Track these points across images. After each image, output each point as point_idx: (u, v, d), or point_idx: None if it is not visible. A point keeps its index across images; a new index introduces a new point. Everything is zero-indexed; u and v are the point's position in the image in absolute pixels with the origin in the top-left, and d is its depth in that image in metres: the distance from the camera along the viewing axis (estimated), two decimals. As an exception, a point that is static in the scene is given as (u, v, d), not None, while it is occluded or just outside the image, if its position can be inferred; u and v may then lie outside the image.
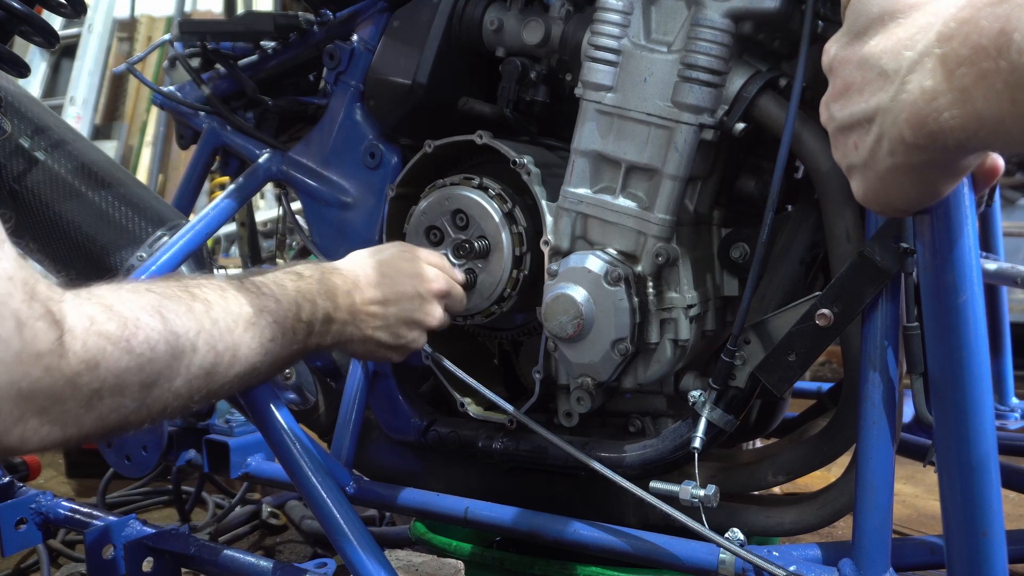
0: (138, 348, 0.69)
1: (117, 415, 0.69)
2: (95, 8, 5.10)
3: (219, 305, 0.81)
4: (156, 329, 0.71)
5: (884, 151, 0.57)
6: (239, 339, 0.82)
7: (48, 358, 0.61)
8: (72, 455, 2.51)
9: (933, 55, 0.51)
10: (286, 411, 1.14)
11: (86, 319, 0.65)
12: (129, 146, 5.23)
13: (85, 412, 0.66)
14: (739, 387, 0.99)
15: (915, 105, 0.52)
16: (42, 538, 1.50)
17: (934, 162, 0.56)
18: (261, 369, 0.86)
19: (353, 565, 1.06)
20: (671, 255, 1.04)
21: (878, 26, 0.57)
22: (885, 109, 0.55)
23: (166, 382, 0.73)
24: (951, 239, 0.68)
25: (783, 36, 1.05)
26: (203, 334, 0.77)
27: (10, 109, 1.23)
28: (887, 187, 0.60)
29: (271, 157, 1.39)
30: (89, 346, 0.64)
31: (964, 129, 0.51)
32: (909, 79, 0.53)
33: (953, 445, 0.73)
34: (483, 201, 1.14)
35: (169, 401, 0.75)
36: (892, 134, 0.55)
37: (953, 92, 0.50)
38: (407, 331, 1.02)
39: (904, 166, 0.57)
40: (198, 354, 0.76)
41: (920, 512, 2.17)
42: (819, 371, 3.56)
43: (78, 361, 0.63)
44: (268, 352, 0.86)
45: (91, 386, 0.65)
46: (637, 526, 1.07)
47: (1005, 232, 1.95)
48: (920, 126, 0.53)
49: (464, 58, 1.22)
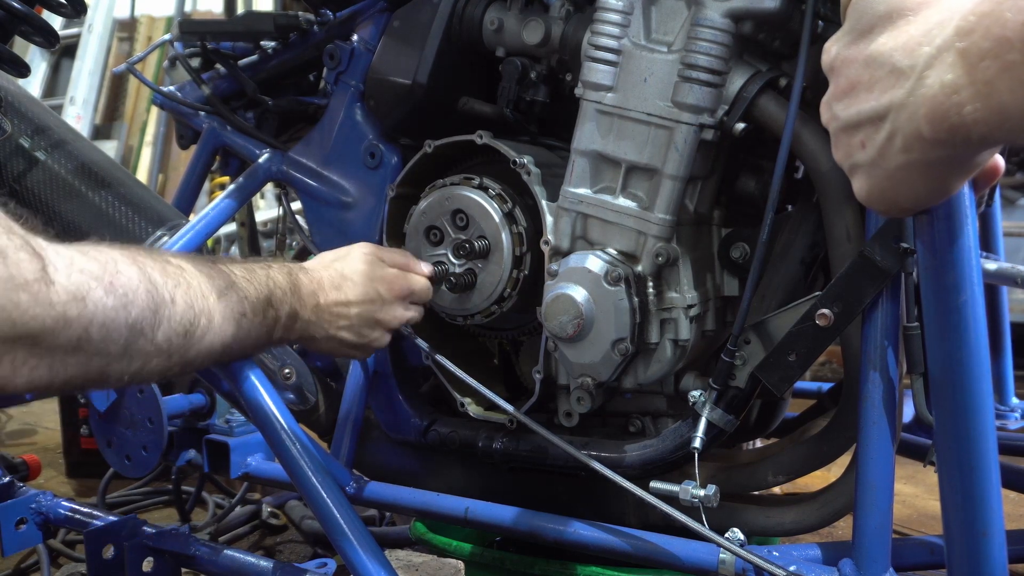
0: (120, 288, 0.69)
1: (100, 362, 0.69)
2: (95, 8, 5.10)
3: (190, 271, 0.82)
4: (135, 275, 0.72)
5: (896, 148, 0.57)
6: (213, 306, 0.83)
7: (35, 286, 0.61)
8: (72, 455, 2.51)
9: (953, 49, 0.51)
10: (286, 411, 1.14)
11: (65, 258, 0.65)
12: (129, 146, 5.23)
13: (72, 353, 0.66)
14: (739, 387, 0.99)
15: (935, 100, 0.53)
16: (42, 538, 1.50)
17: (950, 158, 0.57)
18: (232, 345, 0.88)
19: (353, 565, 1.06)
20: (671, 255, 1.04)
21: (885, 24, 0.57)
22: (900, 105, 0.55)
23: (149, 331, 0.73)
24: (951, 239, 0.68)
25: (783, 36, 1.05)
26: (180, 289, 0.78)
27: (10, 109, 1.23)
28: (895, 185, 0.60)
29: (271, 157, 1.39)
30: (74, 279, 0.65)
31: (987, 122, 0.51)
32: (927, 74, 0.53)
33: (953, 445, 0.73)
34: (483, 201, 1.14)
35: (150, 355, 0.75)
36: (908, 130, 0.55)
37: (976, 85, 0.50)
38: (369, 331, 1.06)
39: (918, 163, 0.57)
40: (177, 308, 0.77)
41: (920, 512, 2.17)
42: (819, 371, 3.56)
43: (65, 292, 0.63)
44: (240, 327, 0.87)
45: (80, 321, 0.65)
46: (637, 526, 1.07)
47: (1005, 232, 1.96)
48: (940, 120, 0.53)
49: (464, 58, 1.22)
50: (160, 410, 1.39)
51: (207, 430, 1.47)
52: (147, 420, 1.40)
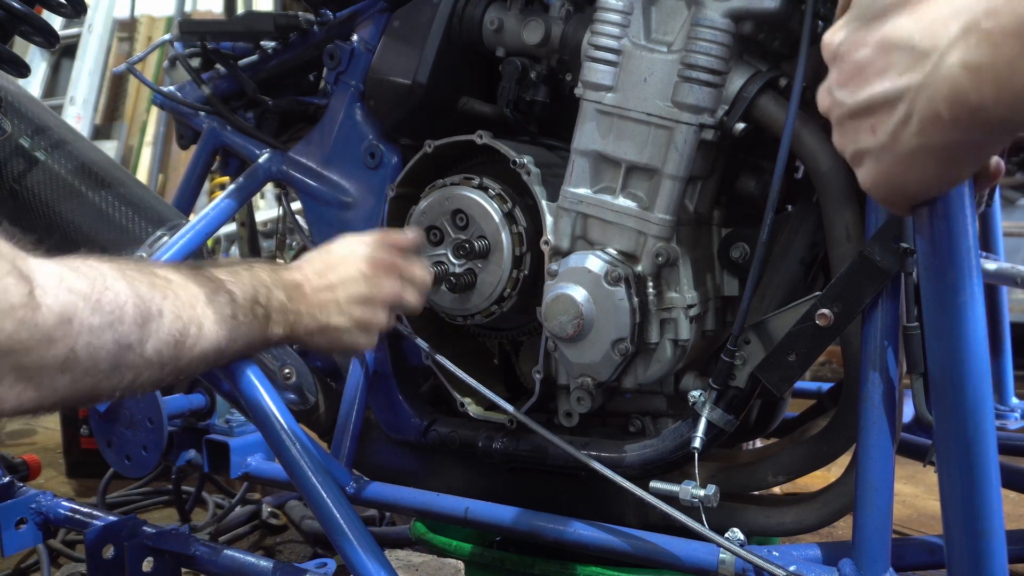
0: (107, 306, 0.69)
1: (90, 380, 0.69)
2: (95, 8, 5.10)
3: (177, 282, 0.82)
4: (123, 291, 0.72)
5: (911, 131, 0.56)
6: (202, 313, 0.83)
7: (22, 311, 0.61)
8: (72, 455, 2.51)
9: (978, 30, 0.51)
10: (286, 411, 1.14)
11: (55, 276, 0.65)
12: (129, 146, 5.23)
13: (60, 373, 0.66)
14: (739, 387, 0.99)
15: (956, 81, 0.52)
16: (42, 538, 1.50)
17: (965, 143, 0.56)
18: (226, 349, 0.87)
19: (353, 565, 1.06)
20: (671, 255, 1.04)
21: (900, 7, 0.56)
22: (918, 87, 0.54)
23: (138, 345, 0.73)
24: (951, 239, 0.68)
25: (783, 36, 1.05)
26: (167, 302, 0.78)
27: (10, 109, 1.23)
28: (905, 171, 0.59)
29: (271, 157, 1.39)
30: (61, 300, 0.64)
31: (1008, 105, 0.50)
32: (949, 54, 0.52)
33: (953, 445, 0.73)
34: (483, 201, 1.14)
35: (141, 369, 0.75)
36: (925, 112, 0.54)
37: (1001, 66, 0.50)
38: (362, 311, 1.01)
39: (932, 146, 0.56)
40: (165, 320, 0.77)
41: (920, 512, 2.17)
42: (819, 371, 3.56)
43: (52, 315, 0.63)
44: (231, 329, 0.87)
45: (66, 342, 0.65)
46: (637, 526, 1.07)
47: (1005, 232, 1.95)
48: (961, 103, 0.52)
49: (464, 58, 1.22)
50: (160, 410, 1.39)
51: (207, 430, 1.47)
52: (147, 420, 1.40)
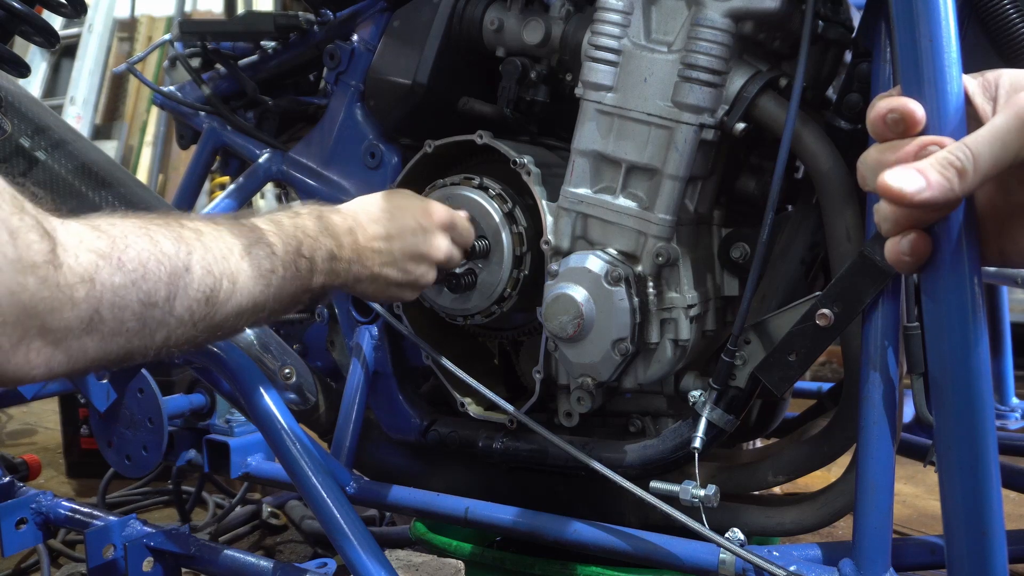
0: (129, 264, 0.68)
1: (120, 340, 0.68)
2: (95, 8, 5.10)
3: (210, 234, 0.79)
4: (145, 248, 0.70)
5: None
6: (236, 267, 0.79)
7: (43, 269, 0.60)
8: (72, 455, 2.51)
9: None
10: (286, 411, 1.14)
11: (75, 236, 0.64)
12: (129, 146, 5.22)
13: (87, 334, 0.64)
14: (739, 387, 0.99)
15: None
16: (42, 538, 1.50)
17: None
18: (265, 304, 0.84)
19: (353, 565, 1.06)
20: (671, 255, 1.04)
21: None
22: None
23: (165, 303, 0.71)
24: (951, 239, 0.68)
25: (783, 36, 1.05)
26: (195, 255, 0.75)
27: (10, 109, 1.23)
28: None
29: (271, 157, 1.39)
30: (82, 260, 0.63)
31: None
32: None
33: (953, 445, 0.73)
34: (483, 201, 1.14)
35: (172, 327, 0.73)
36: None
37: None
38: (414, 266, 1.01)
39: None
40: (194, 276, 0.74)
41: (920, 512, 2.17)
42: (819, 371, 3.56)
43: (73, 274, 0.62)
44: (270, 284, 0.83)
45: (89, 302, 0.64)
46: (637, 526, 1.07)
47: (1005, 232, 1.95)
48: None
49: (464, 58, 1.22)
50: (160, 410, 1.38)
51: (207, 430, 1.47)
52: (147, 420, 1.39)
